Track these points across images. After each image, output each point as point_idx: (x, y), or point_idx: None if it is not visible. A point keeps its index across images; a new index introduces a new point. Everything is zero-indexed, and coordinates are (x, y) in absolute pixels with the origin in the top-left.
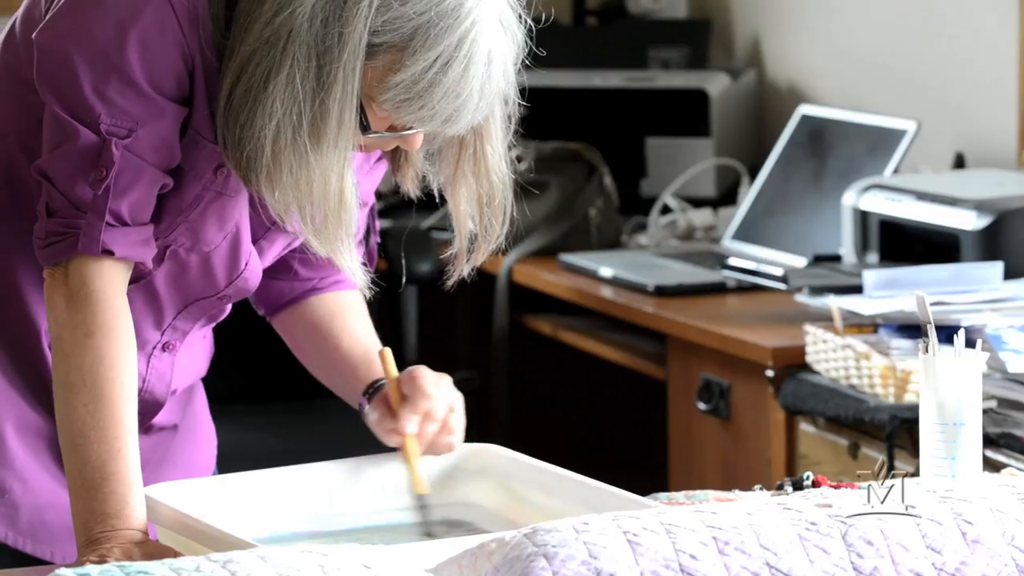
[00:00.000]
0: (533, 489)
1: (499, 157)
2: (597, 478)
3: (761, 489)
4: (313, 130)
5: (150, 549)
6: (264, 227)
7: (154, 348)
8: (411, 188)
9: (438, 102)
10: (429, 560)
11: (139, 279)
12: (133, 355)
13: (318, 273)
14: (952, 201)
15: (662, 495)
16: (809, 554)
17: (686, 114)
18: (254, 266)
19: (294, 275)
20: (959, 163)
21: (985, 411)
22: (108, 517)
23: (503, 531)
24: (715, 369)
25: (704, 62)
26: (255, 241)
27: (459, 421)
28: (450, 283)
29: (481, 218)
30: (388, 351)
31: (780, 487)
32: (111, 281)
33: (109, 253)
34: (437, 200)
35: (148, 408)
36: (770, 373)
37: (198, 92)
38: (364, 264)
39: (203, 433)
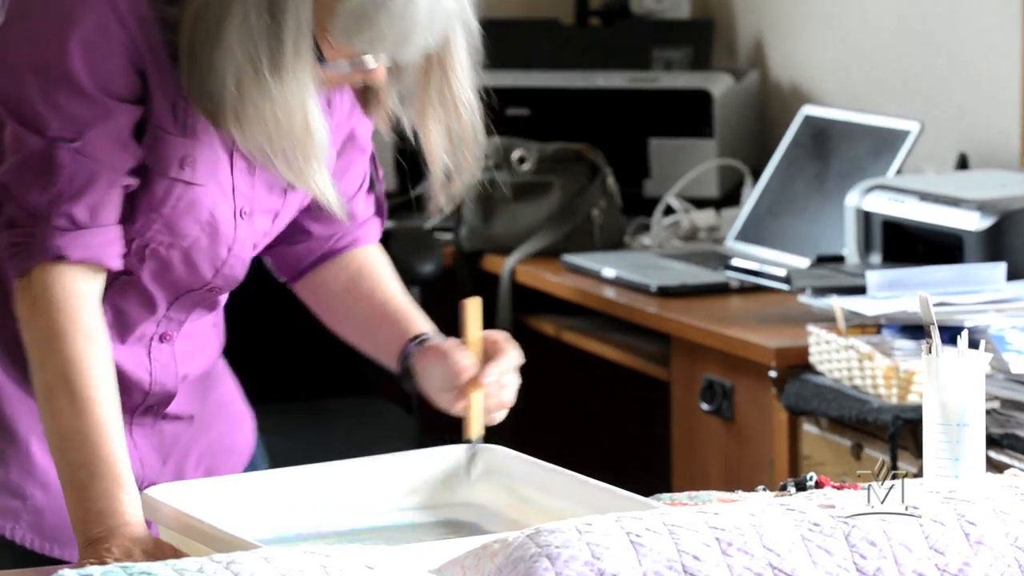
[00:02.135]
0: (536, 490)
1: (466, 87)
2: (600, 478)
3: (764, 490)
4: (272, 64)
5: (148, 546)
6: (277, 195)
7: (152, 340)
8: (384, 129)
9: (387, 26)
10: (432, 561)
11: (126, 275)
12: (104, 353)
13: (333, 230)
14: (955, 202)
15: (665, 496)
16: (812, 555)
17: (689, 115)
18: (239, 252)
19: (309, 236)
20: (962, 164)
21: (988, 412)
22: (103, 516)
23: (506, 532)
24: (718, 370)
25: (707, 63)
26: (274, 216)
27: (514, 380)
28: (432, 213)
29: (453, 151)
30: (475, 300)
31: (783, 488)
32: (72, 285)
33: (64, 258)
34: (412, 140)
35: (159, 399)
36: (773, 374)
37: (153, 86)
38: (378, 215)
39: (229, 424)
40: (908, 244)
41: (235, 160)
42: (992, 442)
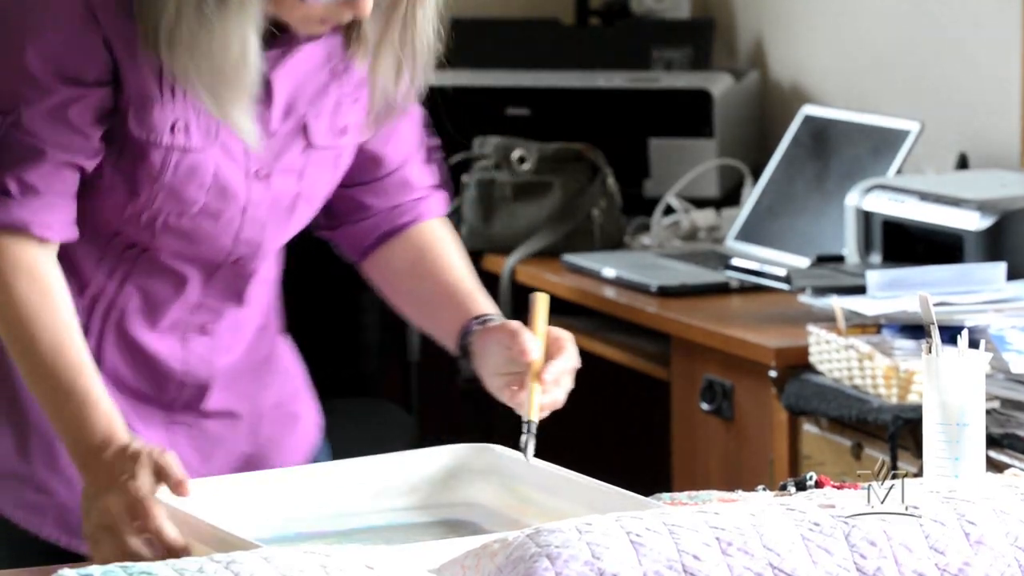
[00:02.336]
0: (536, 490)
1: (429, 24)
2: (600, 478)
3: (764, 490)
4: None
5: (135, 451)
6: (297, 153)
7: (188, 330)
8: (360, 66)
9: None
10: (432, 561)
11: (144, 251)
12: (49, 301)
13: (392, 203)
14: (955, 202)
15: (665, 495)
16: (812, 555)
17: (689, 114)
18: (256, 215)
19: (369, 211)
20: (962, 163)
21: (988, 412)
22: (81, 436)
23: (506, 531)
24: (718, 369)
25: (707, 62)
26: (298, 175)
27: (569, 381)
28: (344, 140)
29: (396, 81)
30: (544, 296)
31: (783, 488)
32: (10, 246)
33: None
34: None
35: (193, 392)
36: (773, 373)
37: (124, 57)
38: (441, 188)
39: (282, 426)
40: (908, 244)
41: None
42: (992, 442)
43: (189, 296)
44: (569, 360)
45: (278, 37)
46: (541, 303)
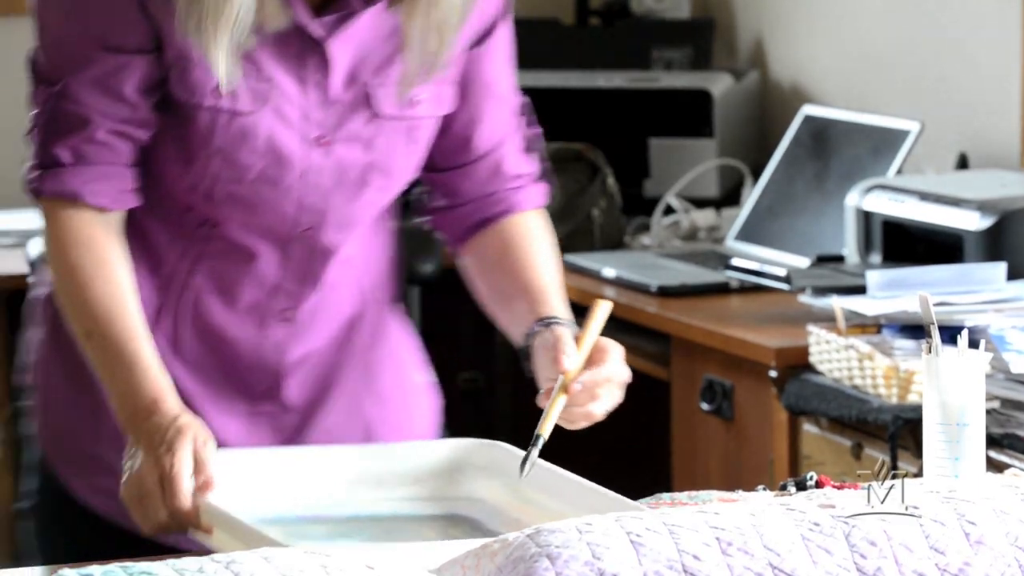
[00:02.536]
0: (538, 491)
1: None
2: (600, 478)
3: (764, 490)
4: None
5: (182, 424)
6: (364, 122)
7: (268, 315)
8: (407, 30)
9: None
10: (432, 561)
11: (211, 226)
12: (98, 253)
13: (482, 187)
14: (955, 202)
15: (665, 495)
16: (812, 555)
17: (689, 114)
18: (317, 182)
19: (461, 195)
20: (962, 163)
21: (988, 412)
22: (127, 398)
23: (507, 529)
24: (718, 369)
25: (707, 62)
26: (365, 144)
27: (610, 394)
28: (402, 98)
29: (425, 41)
30: (607, 305)
31: (783, 488)
32: (61, 216)
33: (40, 193)
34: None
35: (269, 380)
36: (773, 373)
37: (165, 21)
38: (539, 179)
39: (387, 423)
40: (908, 244)
41: (308, 87)
42: (992, 442)
43: (263, 275)
44: (605, 372)
45: (333, 3)
46: (597, 311)
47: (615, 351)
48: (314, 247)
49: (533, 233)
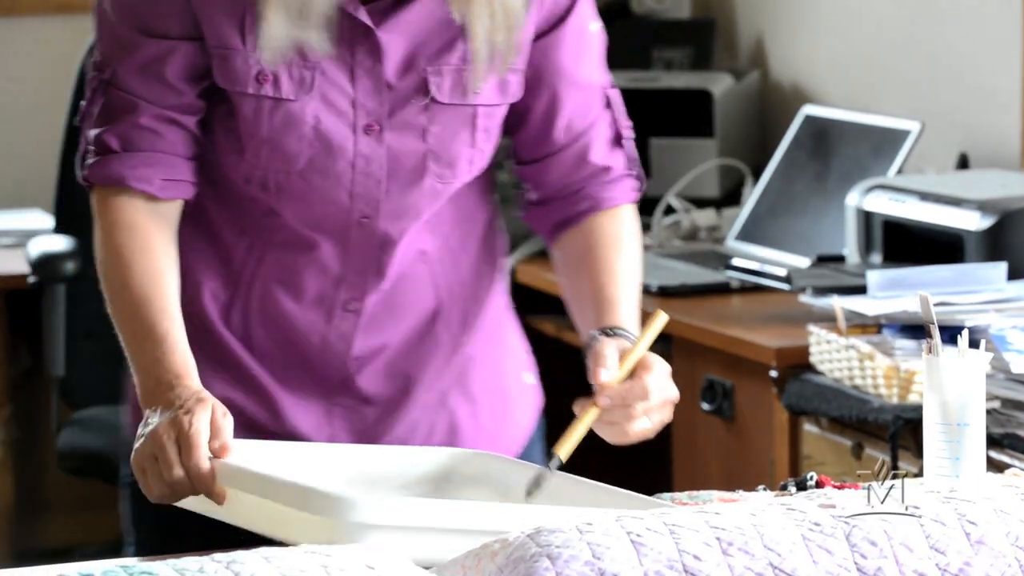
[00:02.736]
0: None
1: None
2: (600, 478)
3: (765, 490)
4: None
5: (194, 400)
6: (417, 111)
7: (335, 306)
8: (457, 12)
9: None
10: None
11: (274, 216)
12: (140, 238)
13: (566, 177)
14: (956, 202)
15: (666, 495)
16: (813, 555)
17: (690, 114)
18: (369, 169)
19: (547, 188)
20: (963, 163)
21: (989, 412)
22: (149, 373)
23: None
24: (719, 370)
25: (708, 62)
26: (420, 133)
27: (650, 413)
28: (474, 90)
29: (493, 30)
30: (662, 317)
31: (784, 488)
32: (110, 202)
33: (89, 181)
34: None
35: (340, 372)
36: (774, 374)
37: (206, 9)
38: (629, 174)
39: (430, 413)
40: (909, 244)
41: (357, 73)
42: (993, 442)
43: (326, 266)
44: (637, 388)
45: None
46: (652, 323)
47: (657, 368)
48: (372, 236)
49: (616, 234)
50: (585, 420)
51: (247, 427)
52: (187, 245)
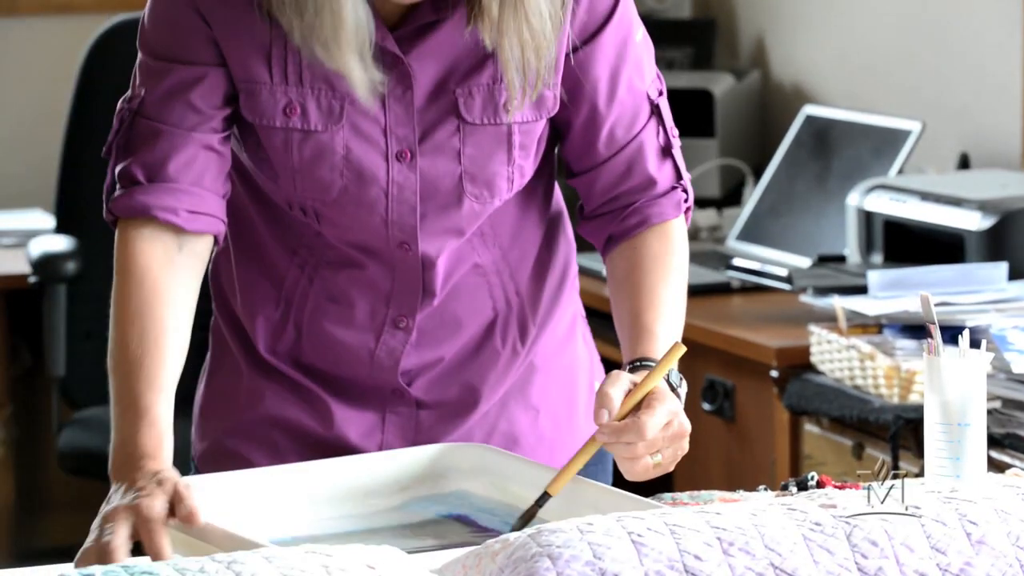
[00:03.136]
0: (526, 487)
1: (542, 3)
2: (599, 478)
3: (765, 490)
4: None
5: (162, 477)
6: (450, 133)
7: (385, 323)
8: (488, 39)
9: None
10: (434, 561)
11: (313, 232)
12: (148, 296)
13: (614, 188)
14: (957, 202)
15: (666, 495)
16: (814, 554)
17: (690, 114)
18: (404, 197)
19: (595, 198)
20: (964, 164)
21: (990, 412)
22: (123, 446)
23: (500, 528)
24: (719, 370)
25: (708, 62)
26: (456, 155)
27: (663, 449)
28: (509, 117)
29: (523, 60)
30: (679, 349)
31: (784, 487)
32: (130, 238)
33: (114, 213)
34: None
35: (389, 381)
36: (774, 373)
37: (229, 43)
38: (682, 189)
39: (515, 431)
40: (909, 244)
41: (389, 101)
42: (993, 442)
43: (374, 285)
44: (633, 426)
45: (407, 16)
46: (668, 355)
47: (659, 405)
48: (414, 259)
49: (661, 254)
50: (582, 457)
51: (298, 438)
52: (237, 264)
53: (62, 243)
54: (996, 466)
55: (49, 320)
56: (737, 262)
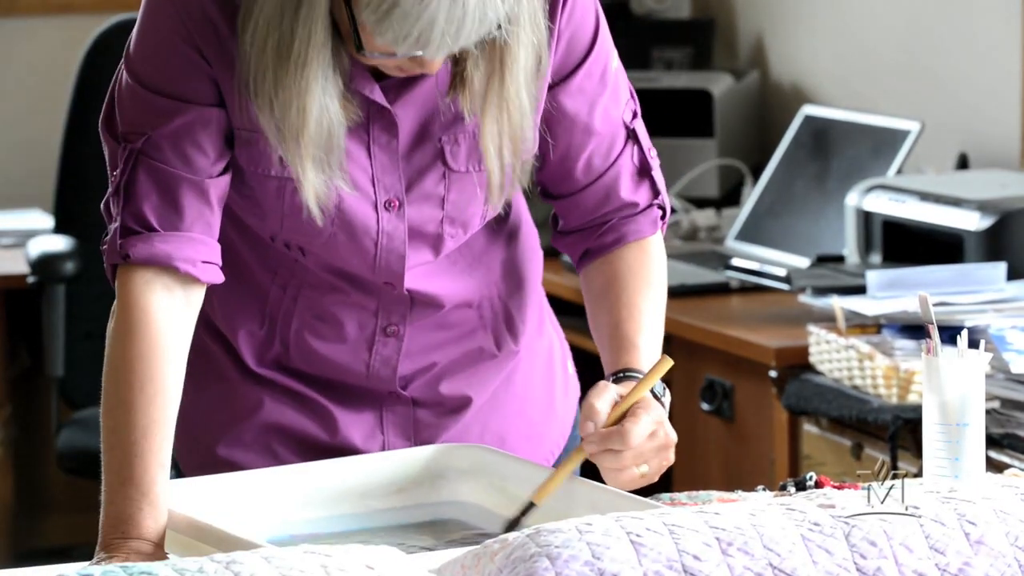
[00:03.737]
0: (524, 487)
1: (520, 92)
2: (600, 479)
3: (764, 490)
4: (278, 52)
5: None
6: (435, 181)
7: (376, 333)
8: (467, 109)
9: (400, 23)
10: (432, 561)
11: (294, 259)
12: (157, 359)
13: (591, 212)
14: (955, 202)
15: (665, 495)
16: (812, 555)
17: (689, 114)
18: (392, 246)
19: (572, 220)
20: (962, 164)
21: (988, 412)
22: (120, 522)
23: (498, 528)
24: (718, 370)
25: (708, 62)
26: (439, 201)
27: (649, 459)
28: (486, 218)
29: (502, 149)
30: (666, 362)
31: (783, 488)
32: (140, 287)
33: (129, 258)
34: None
35: (383, 385)
36: (773, 374)
37: (226, 87)
38: (658, 206)
39: (522, 423)
40: (908, 244)
41: (373, 150)
42: (992, 442)
43: (360, 304)
44: (615, 434)
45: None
46: (656, 367)
47: (644, 415)
48: (399, 294)
49: (640, 268)
50: (567, 468)
51: (299, 445)
52: (221, 285)
53: (61, 243)
54: (995, 466)
55: (48, 320)
56: (736, 262)
